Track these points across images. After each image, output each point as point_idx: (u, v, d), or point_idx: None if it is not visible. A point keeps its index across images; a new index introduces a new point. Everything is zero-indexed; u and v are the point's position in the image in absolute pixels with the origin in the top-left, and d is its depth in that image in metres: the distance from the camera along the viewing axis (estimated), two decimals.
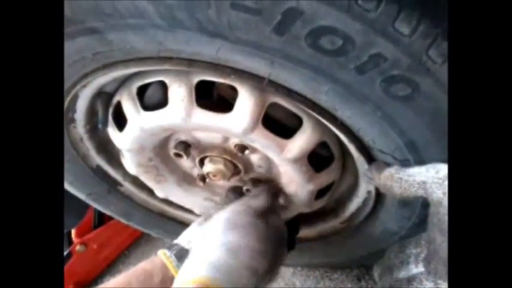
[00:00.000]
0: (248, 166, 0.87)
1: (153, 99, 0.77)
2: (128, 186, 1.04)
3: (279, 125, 0.74)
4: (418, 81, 0.53)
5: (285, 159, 0.75)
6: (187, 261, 0.67)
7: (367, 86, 0.54)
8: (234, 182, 0.92)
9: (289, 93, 0.62)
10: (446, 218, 0.55)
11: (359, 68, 0.52)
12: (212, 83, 0.74)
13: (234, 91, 0.75)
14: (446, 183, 0.57)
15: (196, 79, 0.69)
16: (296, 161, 0.75)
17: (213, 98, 0.77)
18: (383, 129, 0.61)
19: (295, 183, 0.82)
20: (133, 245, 1.90)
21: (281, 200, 0.90)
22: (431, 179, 0.58)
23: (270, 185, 0.86)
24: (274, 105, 0.70)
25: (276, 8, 0.48)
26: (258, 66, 0.57)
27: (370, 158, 0.71)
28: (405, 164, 0.66)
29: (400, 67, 0.51)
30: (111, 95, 0.81)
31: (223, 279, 0.62)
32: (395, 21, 0.48)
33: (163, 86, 0.73)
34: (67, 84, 0.71)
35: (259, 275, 0.65)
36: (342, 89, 0.56)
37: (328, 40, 0.50)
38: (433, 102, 0.55)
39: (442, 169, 0.59)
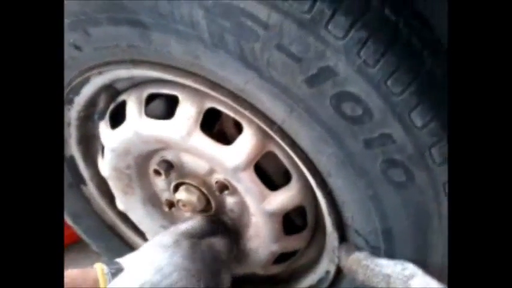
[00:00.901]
0: (220, 207, 0.86)
1: (157, 110, 0.78)
2: (91, 188, 1.00)
3: (265, 175, 0.76)
4: (415, 173, 0.57)
5: (262, 210, 0.75)
6: (118, 279, 0.67)
7: (368, 161, 0.58)
8: None
9: (292, 145, 0.64)
10: None
11: (368, 142, 0.56)
12: (219, 113, 0.76)
13: (236, 128, 0.77)
14: (410, 282, 0.59)
15: (209, 105, 0.71)
16: (272, 215, 0.75)
17: (213, 128, 0.78)
18: (367, 209, 0.63)
19: (261, 238, 0.81)
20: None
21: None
22: (397, 274, 0.60)
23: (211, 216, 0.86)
24: (268, 155, 0.72)
25: (315, 62, 0.52)
26: (277, 109, 0.60)
27: (342, 237, 0.72)
28: (375, 251, 0.68)
29: (403, 154, 0.55)
30: (118, 93, 0.81)
31: None
32: (412, 111, 0.53)
33: (170, 100, 0.75)
34: (86, 65, 0.71)
35: None
36: (345, 157, 0.59)
37: (350, 106, 0.54)
38: (422, 197, 0.58)
39: (409, 268, 0.61)
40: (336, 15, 0.50)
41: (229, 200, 0.84)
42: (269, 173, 0.77)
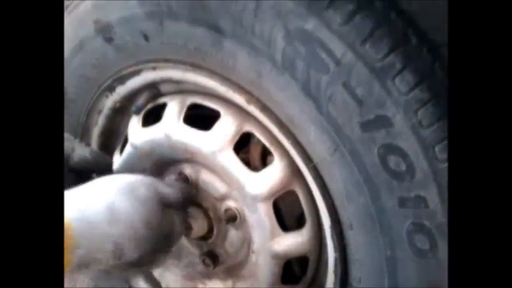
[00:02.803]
0: (220, 238, 0.83)
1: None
2: None
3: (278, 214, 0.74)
4: (439, 244, 0.56)
5: (269, 249, 0.72)
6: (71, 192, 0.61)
7: (397, 221, 0.57)
8: (193, 243, 0.87)
9: (321, 188, 0.64)
10: None
11: (402, 200, 0.56)
12: (247, 142, 0.77)
13: (261, 161, 0.77)
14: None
15: (247, 128, 0.72)
16: (276, 257, 0.72)
17: (239, 152, 0.77)
18: (380, 271, 0.61)
19: (255, 280, 0.78)
20: None
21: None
22: None
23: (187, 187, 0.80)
24: (289, 194, 0.71)
25: (375, 108, 0.54)
26: (321, 146, 0.60)
27: None
28: None
29: (433, 221, 0.55)
30: (160, 95, 0.82)
31: (81, 235, 0.55)
32: None
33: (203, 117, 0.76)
34: (145, 57, 0.73)
35: (122, 257, 0.59)
36: (375, 210, 0.58)
37: (395, 160, 0.55)
38: (439, 272, 0.57)
39: None
40: (405, 71, 0.53)
41: (232, 233, 0.82)
42: (283, 213, 0.75)
